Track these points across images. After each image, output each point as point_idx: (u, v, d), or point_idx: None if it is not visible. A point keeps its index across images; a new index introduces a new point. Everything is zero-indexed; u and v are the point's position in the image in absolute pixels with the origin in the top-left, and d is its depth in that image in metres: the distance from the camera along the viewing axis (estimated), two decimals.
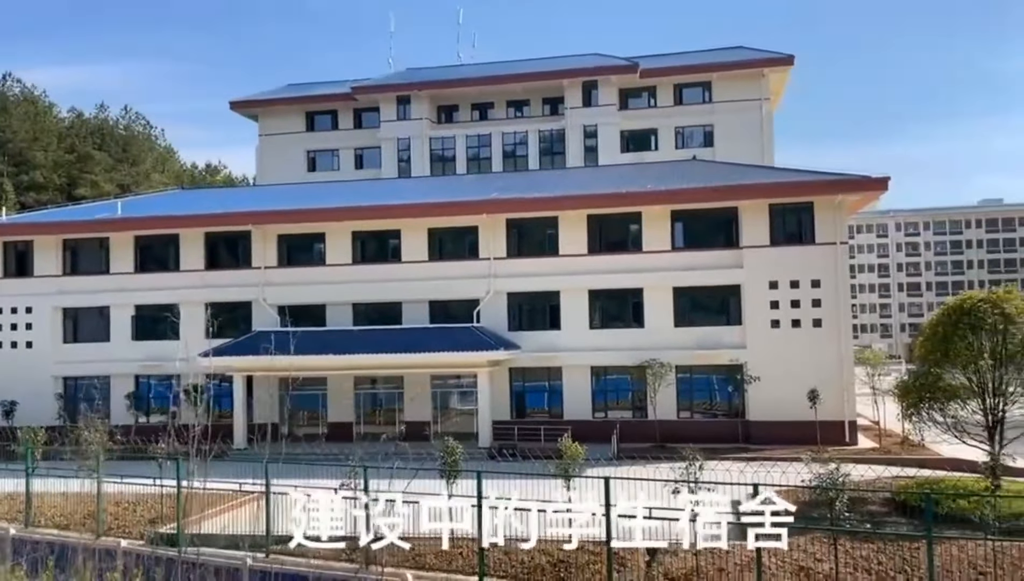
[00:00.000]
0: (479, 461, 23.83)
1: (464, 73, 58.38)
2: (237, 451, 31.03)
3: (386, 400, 36.94)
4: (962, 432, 21.65)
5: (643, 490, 16.12)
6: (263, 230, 37.89)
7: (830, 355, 32.74)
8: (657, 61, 55.48)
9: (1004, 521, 17.74)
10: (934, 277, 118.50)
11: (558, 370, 35.46)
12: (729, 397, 34.66)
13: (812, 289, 33.33)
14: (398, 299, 36.50)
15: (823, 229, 33.63)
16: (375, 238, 38.06)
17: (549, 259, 35.77)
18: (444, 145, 56.45)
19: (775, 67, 52.95)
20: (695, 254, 34.62)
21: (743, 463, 19.24)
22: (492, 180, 45.95)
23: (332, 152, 59.11)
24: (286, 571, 16.80)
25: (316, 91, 60.87)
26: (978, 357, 20.92)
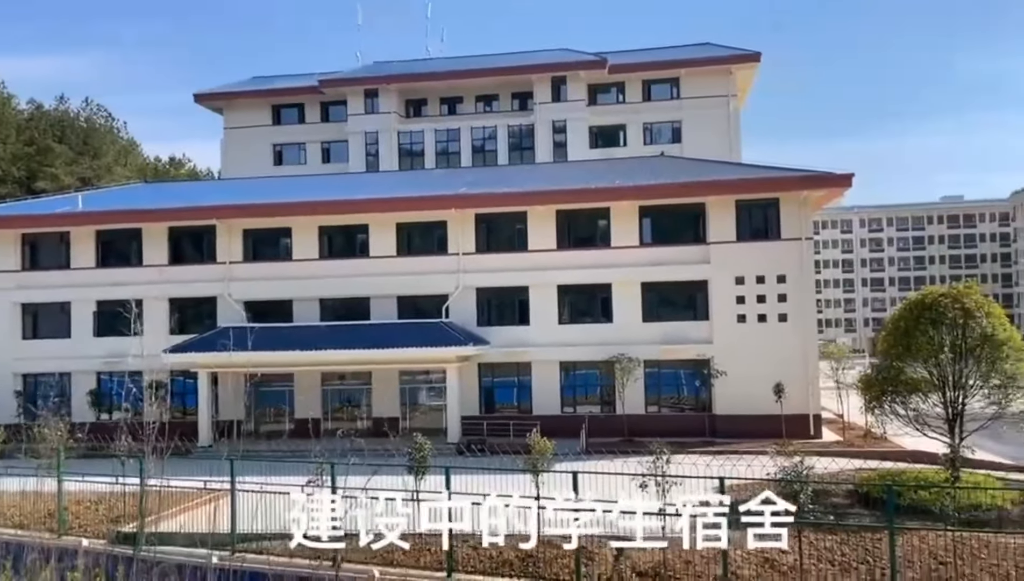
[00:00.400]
0: (447, 457, 23.75)
1: (433, 67, 58.05)
2: (201, 449, 30.64)
3: (354, 396, 36.70)
4: (923, 425, 22.00)
5: (611, 484, 16.20)
6: (228, 224, 37.39)
7: (795, 349, 33.14)
8: (625, 57, 55.63)
9: (963, 512, 18.14)
10: (897, 272, 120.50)
11: (527, 365, 35.48)
12: (696, 391, 34.93)
13: (778, 284, 33.70)
14: (366, 294, 36.25)
15: (788, 225, 34.01)
16: (343, 233, 37.76)
17: (518, 254, 35.76)
18: (412, 139, 56.12)
19: (742, 64, 53.35)
20: (663, 250, 34.82)
21: (710, 457, 19.40)
22: (461, 175, 45.81)
23: (299, 146, 58.44)
24: (252, 569, 16.57)
25: (282, 84, 60.09)
26: (939, 351, 21.28)
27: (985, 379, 21.25)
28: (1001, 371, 21.05)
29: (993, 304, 22.28)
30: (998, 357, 21.06)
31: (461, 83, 56.02)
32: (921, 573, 15.07)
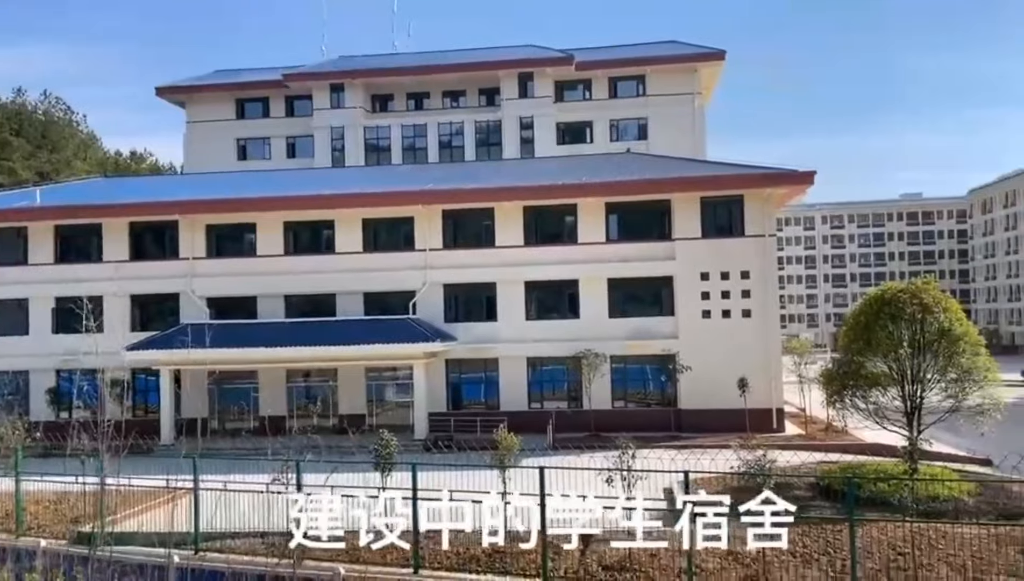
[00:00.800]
0: (414, 453, 23.71)
1: (399, 62, 57.76)
2: (164, 447, 30.19)
3: (320, 394, 36.44)
4: (883, 418, 22.37)
5: (578, 479, 16.28)
6: (191, 220, 36.89)
7: (758, 344, 33.57)
8: (592, 54, 55.82)
9: (921, 503, 18.53)
10: (858, 268, 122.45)
11: (494, 361, 35.51)
12: (662, 386, 35.23)
13: (742, 280, 34.10)
14: (332, 291, 36.00)
15: (752, 222, 34.42)
16: (308, 228, 37.45)
17: (485, 250, 35.76)
18: (379, 135, 55.78)
19: (707, 62, 53.83)
20: (629, 246, 35.04)
21: (674, 451, 19.55)
22: (428, 170, 45.66)
23: (263, 140, 57.78)
24: (216, 568, 16.40)
25: (246, 78, 59.38)
26: (898, 346, 21.64)
27: (942, 373, 21.64)
28: (958, 365, 21.46)
29: (950, 299, 22.71)
30: (955, 351, 21.47)
31: (428, 78, 55.79)
32: (880, 564, 15.36)
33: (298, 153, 57.05)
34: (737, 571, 15.18)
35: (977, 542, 16.03)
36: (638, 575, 15.42)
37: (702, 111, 54.10)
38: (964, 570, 15.15)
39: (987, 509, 18.89)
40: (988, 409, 21.15)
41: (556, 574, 15.60)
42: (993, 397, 21.38)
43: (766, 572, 14.97)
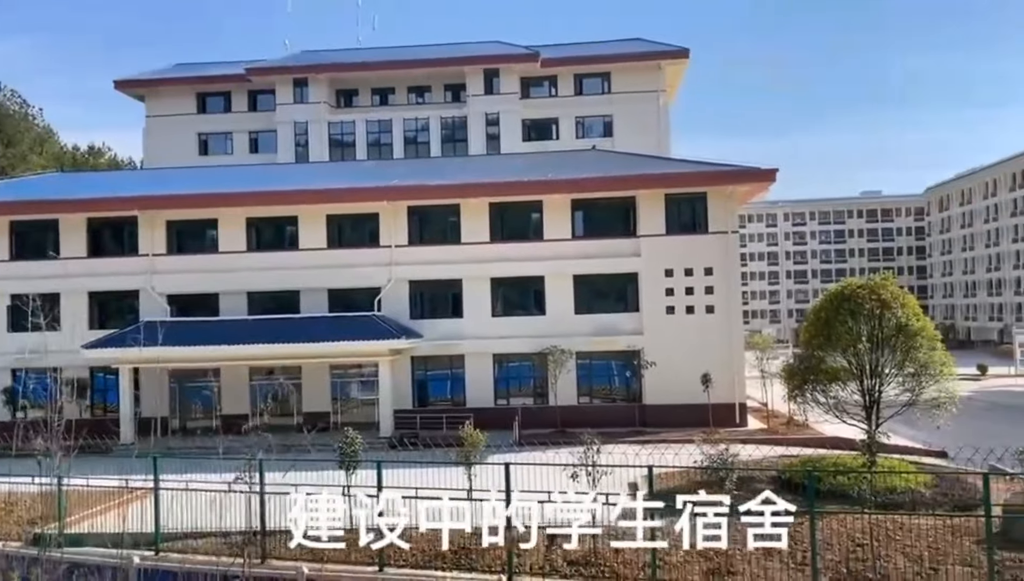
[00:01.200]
0: (379, 451, 23.59)
1: (364, 57, 57.21)
2: (123, 446, 29.71)
3: (283, 391, 36.04)
4: (842, 412, 22.76)
5: (543, 475, 16.33)
6: (151, 216, 36.29)
7: (722, 340, 33.94)
8: (558, 51, 55.88)
9: (880, 495, 18.89)
10: (819, 265, 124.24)
11: (460, 358, 35.46)
12: (627, 382, 35.47)
13: (705, 276, 34.44)
14: (295, 287, 35.68)
15: (716, 218, 34.77)
16: (271, 224, 37.05)
17: (451, 247, 35.67)
18: (343, 130, 55.31)
19: (671, 60, 54.16)
20: (594, 243, 35.20)
21: (639, 446, 19.71)
22: (393, 166, 45.42)
23: (225, 135, 56.94)
24: (177, 568, 16.19)
25: (207, 72, 58.38)
26: (857, 341, 22.04)
27: (900, 368, 22.08)
28: (915, 360, 21.91)
29: (908, 295, 23.16)
30: (912, 346, 21.92)
31: (393, 73, 55.44)
32: (840, 555, 15.64)
33: (261, 148, 56.30)
34: (701, 564, 15.35)
35: (933, 533, 16.41)
36: (603, 570, 15.53)
37: (666, 109, 54.42)
38: (921, 560, 15.50)
39: (943, 500, 19.34)
40: (944, 403, 21.64)
41: (521, 570, 15.65)
42: (949, 391, 21.87)
43: (729, 565, 15.16)
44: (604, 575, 15.45)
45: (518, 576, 15.50)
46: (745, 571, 15.05)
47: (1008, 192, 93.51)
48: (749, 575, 14.97)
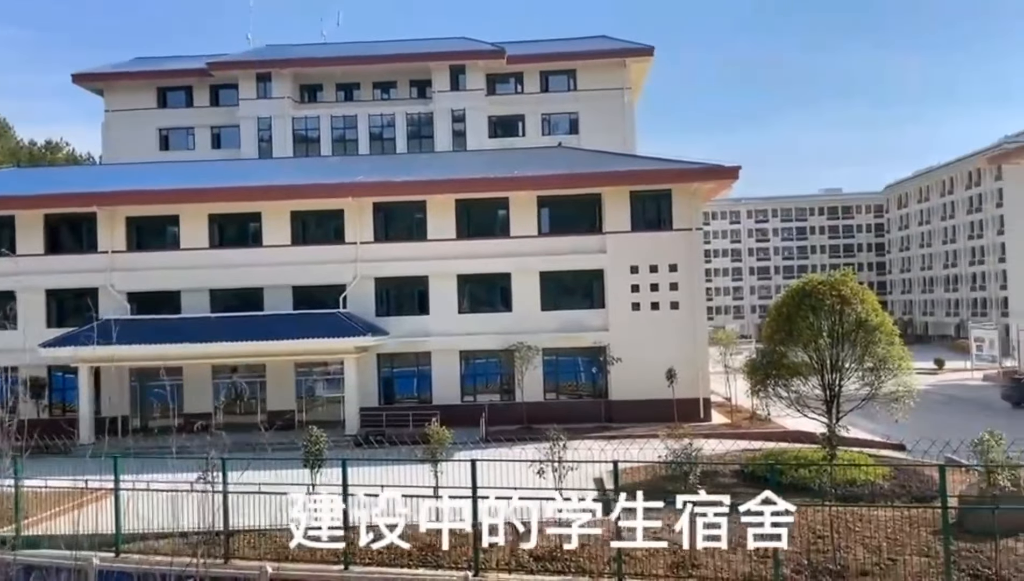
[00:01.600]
0: (345, 449, 23.48)
1: (328, 52, 56.74)
2: (83, 447, 29.16)
3: (247, 390, 35.69)
4: (804, 406, 23.13)
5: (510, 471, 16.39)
6: (110, 212, 35.65)
7: (686, 336, 34.27)
8: (523, 48, 55.89)
9: (840, 488, 19.22)
10: (782, 261, 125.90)
11: (427, 355, 35.37)
12: (593, 378, 35.66)
13: (670, 273, 34.74)
14: (259, 285, 35.30)
15: (680, 215, 35.07)
16: (234, 221, 36.59)
17: (417, 244, 35.56)
18: (308, 125, 54.79)
19: (636, 58, 54.47)
20: (561, 239, 35.32)
21: (605, 442, 19.87)
22: (358, 162, 45.10)
23: (186, 130, 56.08)
24: (138, 570, 15.93)
25: (168, 65, 57.45)
26: (818, 336, 22.40)
27: (860, 362, 22.49)
28: (874, 354, 22.33)
29: (867, 291, 23.59)
30: (871, 341, 22.33)
31: (358, 69, 55.01)
32: (801, 546, 15.87)
33: (224, 144, 55.54)
34: (665, 558, 15.49)
35: (892, 524, 16.75)
36: (568, 565, 15.61)
37: (631, 106, 54.74)
38: (879, 551, 15.81)
39: (901, 492, 19.75)
40: (902, 396, 22.08)
41: (488, 566, 15.68)
42: (907, 385, 22.32)
43: (693, 558, 15.31)
44: (570, 570, 15.54)
45: (484, 572, 15.53)
46: (708, 564, 15.22)
47: (964, 190, 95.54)
48: (712, 568, 15.15)
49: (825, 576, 15.01)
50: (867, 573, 15.00)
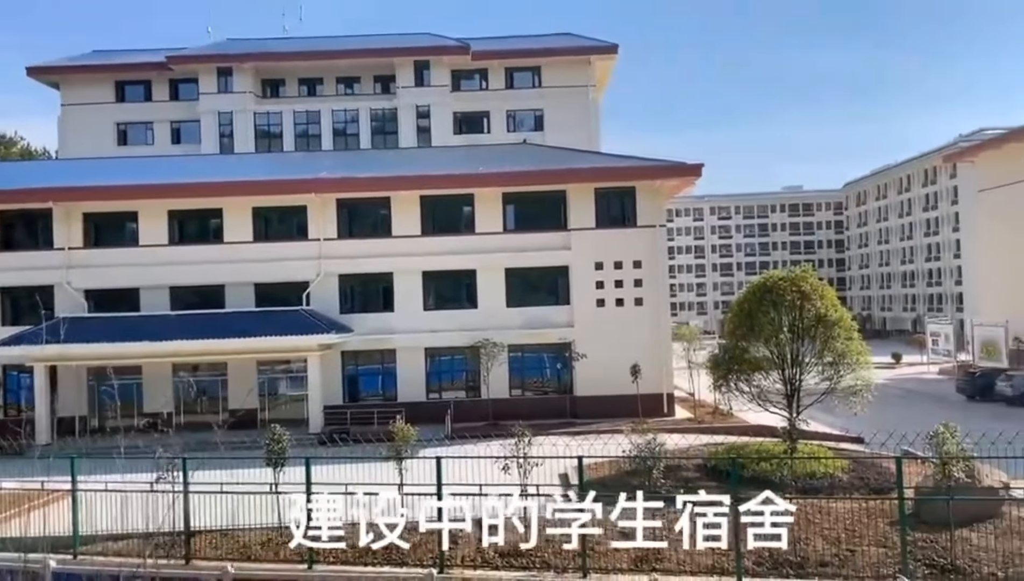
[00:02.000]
0: (306, 447, 23.24)
1: (291, 46, 56.18)
2: (39, 448, 28.56)
3: (209, 388, 35.23)
4: (765, 401, 23.39)
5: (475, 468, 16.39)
6: (67, 208, 34.93)
7: (650, 332, 34.54)
8: (488, 44, 55.84)
9: (800, 480, 19.53)
10: (744, 258, 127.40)
11: (392, 352, 35.22)
12: (558, 374, 35.79)
13: (634, 269, 34.98)
14: (221, 282, 34.84)
15: (644, 212, 35.32)
16: (195, 217, 36.06)
17: (382, 240, 35.37)
18: (270, 121, 54.19)
19: (600, 55, 54.71)
20: (526, 236, 35.37)
21: (570, 437, 19.96)
22: (321, 158, 44.71)
23: (145, 125, 55.13)
24: (96, 572, 15.67)
25: (126, 59, 56.40)
26: (778, 331, 22.66)
27: (819, 357, 22.79)
28: (833, 349, 22.64)
29: (826, 287, 23.92)
30: (830, 336, 22.64)
31: (321, 64, 54.52)
32: None
33: (183, 139, 54.74)
34: (629, 552, 15.60)
35: (850, 515, 17.04)
36: (533, 560, 15.66)
37: (596, 103, 55.00)
38: (838, 542, 16.08)
39: (859, 484, 20.09)
40: (860, 390, 22.43)
41: (453, 562, 15.66)
42: (865, 379, 22.69)
43: (656, 551, 15.44)
44: (535, 565, 15.59)
45: (449, 568, 15.52)
46: (671, 557, 15.36)
47: (921, 188, 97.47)
48: (675, 561, 15.30)
49: (785, 567, 15.23)
50: (826, 564, 15.26)
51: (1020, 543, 15.58)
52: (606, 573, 15.30)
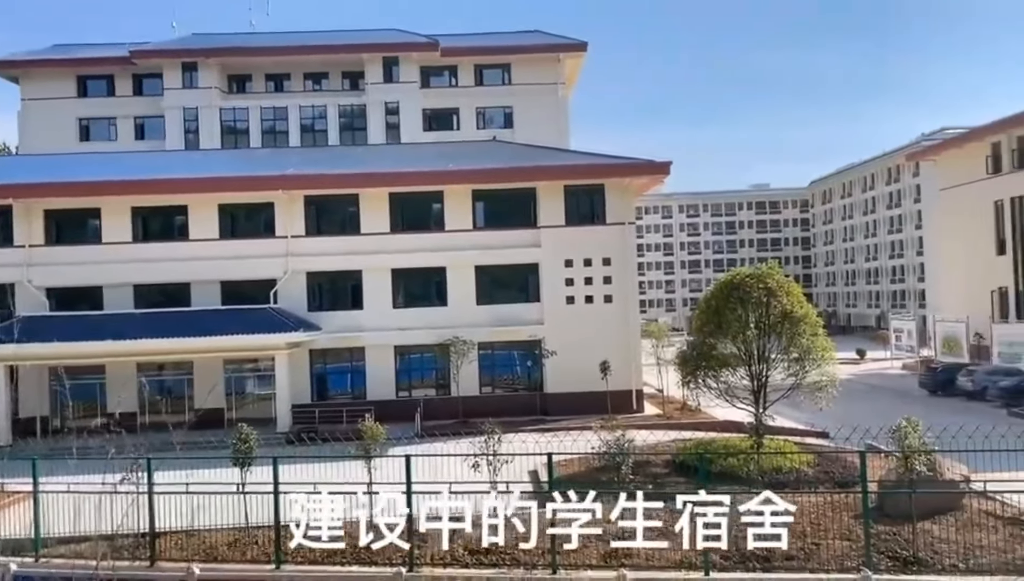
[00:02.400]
0: (273, 447, 23.03)
1: (257, 41, 55.51)
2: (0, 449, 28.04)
3: (174, 387, 34.76)
4: (732, 396, 23.67)
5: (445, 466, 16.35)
6: (27, 204, 34.25)
7: (619, 329, 34.74)
8: (458, 40, 55.69)
9: (766, 475, 19.76)
10: (712, 255, 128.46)
11: (361, 350, 35.04)
12: (528, 371, 35.86)
13: (603, 267, 35.14)
14: (186, 280, 34.42)
15: (613, 210, 35.50)
16: (159, 214, 35.61)
17: (350, 238, 35.17)
18: (236, 117, 53.54)
19: (570, 53, 54.74)
20: (496, 233, 35.36)
21: (539, 434, 19.97)
22: (288, 155, 44.30)
23: (108, 120, 54.16)
24: (59, 574, 15.42)
25: (88, 53, 55.39)
26: (745, 328, 22.90)
27: (785, 353, 23.11)
28: (799, 345, 22.97)
29: (792, 284, 24.20)
30: (796, 333, 22.97)
31: (288, 59, 54.02)
32: None
33: (148, 135, 53.84)
34: (599, 548, 15.67)
35: (815, 509, 17.26)
36: (503, 557, 15.67)
37: (565, 101, 55.10)
38: (804, 536, 16.28)
39: (824, 478, 20.38)
40: (825, 385, 22.78)
41: (423, 561, 15.62)
42: (830, 374, 23.04)
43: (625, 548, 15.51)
44: (505, 562, 15.60)
45: (418, 567, 15.47)
46: (640, 552, 15.44)
47: (884, 185, 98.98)
48: (643, 556, 15.39)
49: (752, 561, 15.40)
50: (792, 557, 15.44)
51: (980, 535, 15.89)
52: (575, 569, 15.35)
